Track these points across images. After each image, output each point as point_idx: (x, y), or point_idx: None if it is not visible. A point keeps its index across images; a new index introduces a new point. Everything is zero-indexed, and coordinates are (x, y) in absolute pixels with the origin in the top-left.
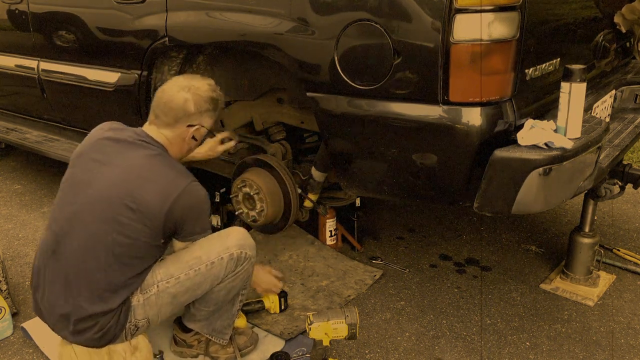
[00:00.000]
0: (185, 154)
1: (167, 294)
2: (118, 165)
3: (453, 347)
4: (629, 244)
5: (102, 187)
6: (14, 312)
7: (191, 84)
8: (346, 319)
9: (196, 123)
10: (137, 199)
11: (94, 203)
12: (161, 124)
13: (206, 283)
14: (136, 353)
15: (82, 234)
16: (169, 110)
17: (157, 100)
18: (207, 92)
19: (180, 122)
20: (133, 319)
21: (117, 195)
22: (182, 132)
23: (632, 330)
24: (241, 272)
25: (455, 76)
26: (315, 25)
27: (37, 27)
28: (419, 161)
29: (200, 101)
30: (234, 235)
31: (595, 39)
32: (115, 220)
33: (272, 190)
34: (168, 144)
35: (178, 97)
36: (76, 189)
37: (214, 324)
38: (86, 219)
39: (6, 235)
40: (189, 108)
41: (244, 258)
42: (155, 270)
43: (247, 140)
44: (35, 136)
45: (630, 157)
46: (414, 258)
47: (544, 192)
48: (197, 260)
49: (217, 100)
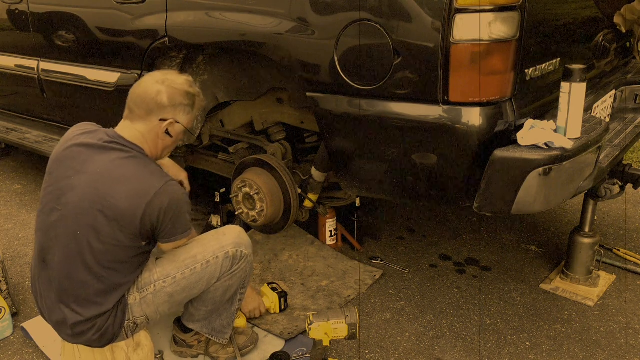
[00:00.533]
0: (161, 152)
1: (164, 293)
2: (88, 173)
3: (453, 347)
4: (629, 244)
5: (75, 197)
6: (14, 312)
7: (166, 78)
8: (346, 319)
9: (169, 117)
10: (110, 204)
11: (69, 214)
12: (135, 117)
13: (202, 282)
14: (138, 350)
15: (63, 245)
16: (141, 103)
17: (131, 94)
18: (182, 85)
19: (153, 114)
20: (131, 316)
21: (90, 203)
22: (155, 127)
23: (632, 330)
24: (237, 270)
25: (455, 76)
26: (315, 25)
27: (37, 27)
28: (419, 161)
29: (174, 94)
30: (229, 234)
31: (595, 39)
32: (92, 228)
33: (272, 190)
34: (143, 141)
35: (151, 89)
36: (53, 199)
37: (213, 323)
38: (64, 229)
39: (6, 235)
40: (162, 100)
41: (240, 257)
42: (153, 269)
43: (247, 140)
44: (35, 136)
45: (630, 157)
46: (414, 258)
47: (544, 192)
48: (193, 259)
49: (194, 95)
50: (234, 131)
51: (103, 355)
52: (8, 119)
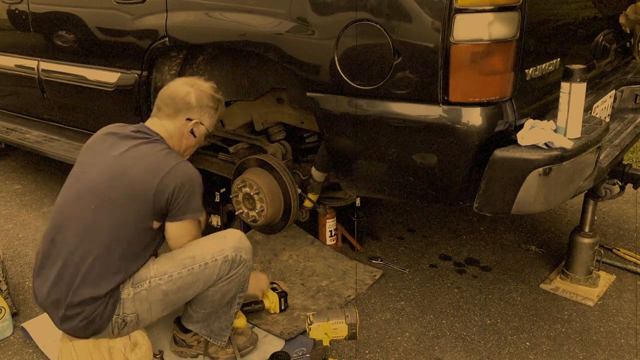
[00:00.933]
0: (184, 151)
1: (158, 291)
2: (111, 155)
3: (453, 347)
4: (629, 244)
5: (94, 174)
6: (14, 312)
7: (194, 81)
8: (346, 319)
9: (195, 117)
10: (128, 179)
11: (85, 189)
12: (163, 115)
13: (198, 284)
14: (135, 349)
15: (76, 222)
16: (170, 101)
17: (160, 94)
18: (209, 89)
19: (181, 113)
20: (121, 312)
21: (107, 178)
22: (181, 126)
23: (632, 330)
24: (235, 275)
25: (455, 76)
26: (315, 25)
27: (37, 27)
28: (419, 161)
29: (202, 96)
30: (230, 238)
31: (595, 39)
32: (105, 205)
33: (272, 190)
34: (167, 137)
35: (181, 90)
36: (74, 180)
37: (211, 325)
38: (79, 207)
39: (6, 235)
40: (190, 100)
41: (239, 261)
42: (150, 266)
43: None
44: (35, 136)
45: (630, 157)
46: (414, 258)
47: (544, 192)
48: (191, 259)
49: (219, 100)
50: (234, 131)
51: (100, 355)
52: (8, 119)
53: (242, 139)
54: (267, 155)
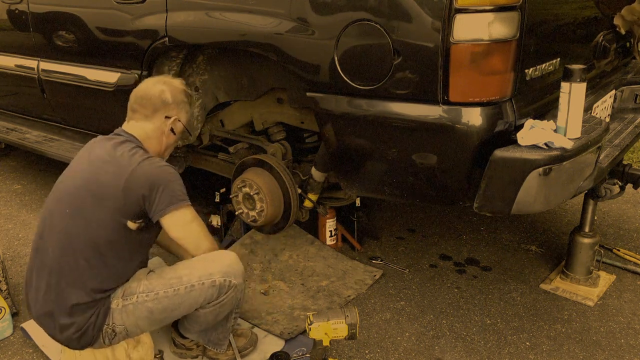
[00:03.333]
0: (164, 150)
1: (144, 308)
2: (84, 161)
3: (453, 347)
4: (629, 244)
5: (69, 180)
6: (14, 312)
7: (165, 79)
8: (346, 319)
9: (174, 115)
10: (97, 182)
11: (63, 195)
12: (139, 117)
13: (183, 306)
14: (138, 347)
15: (55, 230)
16: (146, 102)
17: (132, 96)
18: (181, 85)
19: (159, 112)
20: (111, 322)
21: (80, 184)
22: (161, 125)
23: (632, 330)
24: (226, 300)
25: (455, 76)
26: (315, 25)
27: (37, 27)
28: (419, 161)
29: (176, 92)
30: (219, 262)
31: (595, 39)
32: (79, 210)
33: (272, 190)
34: (145, 138)
35: (154, 89)
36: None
37: (209, 335)
38: (57, 214)
39: (6, 235)
40: (167, 97)
41: (228, 287)
42: (142, 280)
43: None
44: (35, 136)
45: (630, 157)
46: (414, 258)
47: (544, 192)
48: (178, 280)
49: (190, 95)
50: (234, 131)
51: (104, 353)
52: (8, 119)
53: (242, 139)
54: (267, 155)
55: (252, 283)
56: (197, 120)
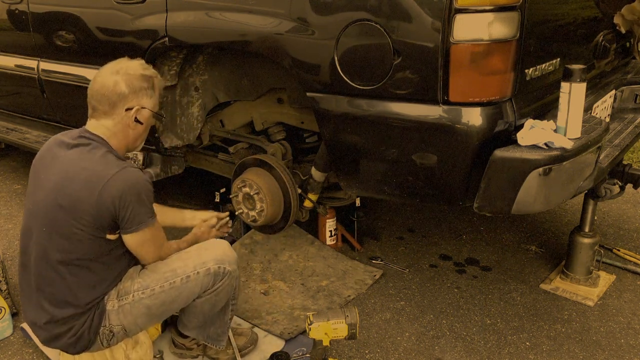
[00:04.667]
0: (133, 142)
1: (141, 305)
2: (53, 171)
3: (453, 347)
4: (629, 244)
5: (41, 195)
6: (14, 312)
7: (120, 67)
8: (346, 319)
9: (134, 104)
10: (67, 196)
11: (38, 211)
12: (99, 114)
13: (181, 297)
14: (137, 347)
15: (35, 244)
16: (102, 98)
17: (90, 92)
18: (137, 70)
19: (118, 106)
20: (107, 323)
21: (51, 198)
22: (122, 118)
23: (632, 330)
24: (221, 288)
25: (455, 76)
26: (315, 25)
27: (37, 27)
28: (419, 161)
29: (131, 80)
30: (212, 250)
31: (595, 39)
32: (53, 223)
33: (272, 190)
34: (110, 135)
35: (108, 82)
36: (28, 202)
37: (207, 331)
38: (35, 228)
39: (6, 235)
40: (122, 89)
41: (223, 274)
42: (135, 279)
43: (247, 140)
44: (35, 136)
45: (630, 157)
46: (414, 258)
47: (544, 192)
48: (172, 273)
49: (151, 77)
50: (234, 131)
51: (102, 354)
52: (8, 119)
53: (242, 139)
54: (267, 155)
55: (252, 283)
56: (197, 120)
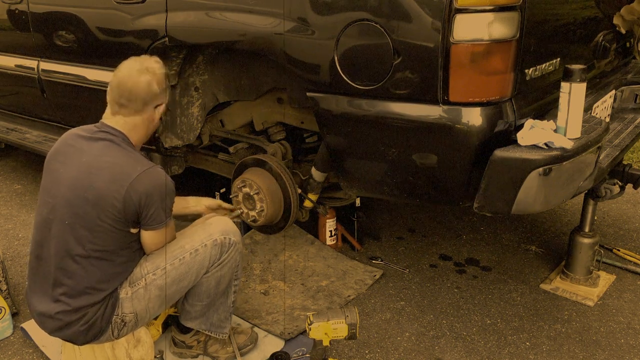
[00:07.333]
0: (148, 136)
1: (154, 286)
2: (76, 164)
3: (453, 347)
4: (629, 244)
5: (63, 188)
6: (14, 312)
7: (147, 65)
8: (346, 319)
9: (162, 101)
10: (93, 189)
11: (58, 204)
12: (129, 112)
13: (192, 272)
14: (138, 346)
15: (55, 236)
16: (135, 97)
17: (116, 90)
18: (161, 69)
19: (149, 104)
20: (120, 312)
21: (76, 191)
22: (151, 114)
23: (632, 330)
24: (227, 260)
25: (455, 76)
26: (315, 25)
27: (37, 27)
28: (419, 161)
29: (161, 80)
30: (216, 224)
31: (595, 39)
32: (78, 215)
33: (272, 190)
34: (130, 129)
35: (141, 81)
36: (46, 193)
37: (211, 318)
38: (56, 221)
39: (6, 235)
40: (155, 89)
41: (229, 244)
42: (143, 263)
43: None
44: (35, 136)
45: (630, 157)
46: (414, 258)
47: (544, 192)
48: (181, 249)
49: (169, 75)
50: (234, 131)
51: (103, 352)
52: (8, 119)
53: (242, 139)
54: (267, 155)
55: (252, 283)
56: (197, 120)
